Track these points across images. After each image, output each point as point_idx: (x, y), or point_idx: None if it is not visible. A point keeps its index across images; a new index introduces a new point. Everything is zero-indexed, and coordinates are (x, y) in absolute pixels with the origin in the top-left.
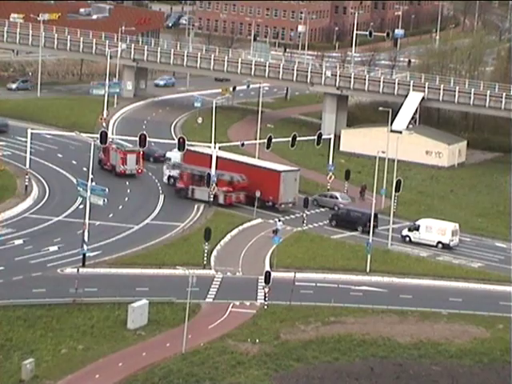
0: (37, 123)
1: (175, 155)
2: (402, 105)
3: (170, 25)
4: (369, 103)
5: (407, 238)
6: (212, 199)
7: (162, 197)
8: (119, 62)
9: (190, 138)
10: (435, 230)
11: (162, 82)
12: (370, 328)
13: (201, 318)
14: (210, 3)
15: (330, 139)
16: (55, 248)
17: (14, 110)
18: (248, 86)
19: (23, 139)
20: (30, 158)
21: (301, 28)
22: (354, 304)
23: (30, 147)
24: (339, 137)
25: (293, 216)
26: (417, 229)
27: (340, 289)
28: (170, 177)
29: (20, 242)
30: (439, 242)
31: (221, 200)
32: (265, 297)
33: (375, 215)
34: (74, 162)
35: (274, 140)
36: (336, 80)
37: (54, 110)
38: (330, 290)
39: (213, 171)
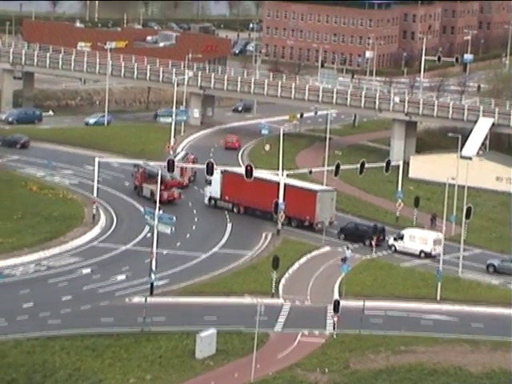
0: (104, 151)
1: (215, 177)
2: (471, 131)
3: (237, 52)
4: (438, 129)
5: (393, 248)
6: (280, 227)
7: (229, 225)
8: (186, 89)
9: (257, 166)
10: (418, 239)
11: (91, 120)
12: (441, 357)
13: (269, 347)
14: (276, 30)
15: (398, 166)
16: (123, 277)
17: (81, 138)
18: (316, 113)
19: (90, 167)
20: (98, 187)
21: (368, 54)
22: (425, 333)
23: (98, 176)
24: (408, 163)
25: (361, 244)
26: (401, 238)
27: (410, 317)
28: (210, 198)
29: (88, 271)
30: (422, 251)
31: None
32: (334, 326)
33: (382, 229)
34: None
35: (341, 167)
36: (404, 106)
37: (122, 138)
38: (399, 319)
39: (280, 200)
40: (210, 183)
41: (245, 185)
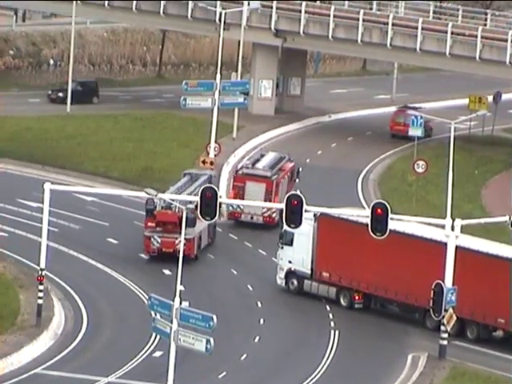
0: (62, 169)
1: (303, 229)
2: None
3: None
4: None
5: None
6: (446, 342)
7: (332, 334)
8: (244, 36)
9: (395, 208)
10: None
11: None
12: None
13: None
14: None
15: None
16: None
17: (13, 140)
18: None
19: (34, 204)
20: (49, 246)
21: None
22: None
23: (49, 221)
24: None
25: None
26: None
27: None
28: (290, 274)
29: None
30: None
31: None
32: None
33: None
34: (142, 257)
35: None
36: None
37: (101, 144)
38: None
39: (448, 278)
40: (289, 242)
41: (368, 247)
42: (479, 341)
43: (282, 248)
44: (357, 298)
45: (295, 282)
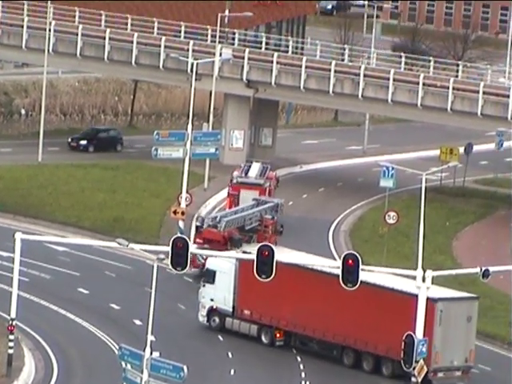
0: (33, 219)
1: (224, 267)
2: None
3: (330, 8)
4: None
5: None
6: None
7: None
8: (215, 87)
9: (366, 258)
10: None
11: None
12: None
13: None
14: None
15: None
16: None
17: None
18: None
19: (4, 254)
20: (20, 295)
21: None
22: None
23: (19, 272)
24: None
25: None
26: None
27: None
28: (211, 311)
29: None
30: None
31: None
32: None
33: None
34: (113, 307)
35: None
36: None
37: (72, 193)
38: None
39: (419, 329)
40: (211, 280)
41: (286, 285)
42: (394, 377)
43: (204, 286)
44: (278, 335)
45: (217, 320)
